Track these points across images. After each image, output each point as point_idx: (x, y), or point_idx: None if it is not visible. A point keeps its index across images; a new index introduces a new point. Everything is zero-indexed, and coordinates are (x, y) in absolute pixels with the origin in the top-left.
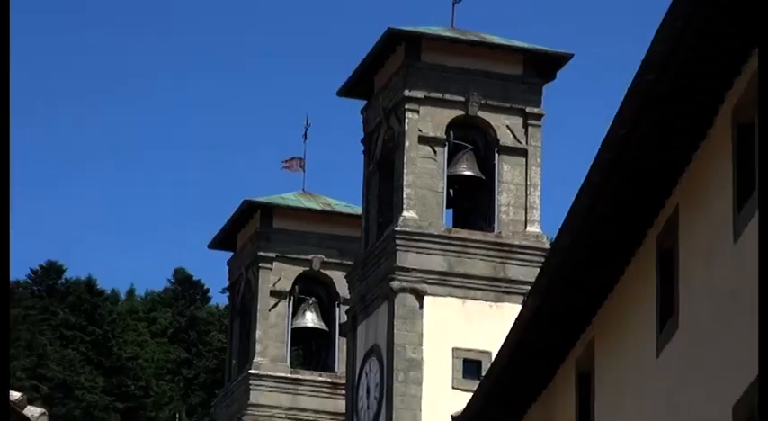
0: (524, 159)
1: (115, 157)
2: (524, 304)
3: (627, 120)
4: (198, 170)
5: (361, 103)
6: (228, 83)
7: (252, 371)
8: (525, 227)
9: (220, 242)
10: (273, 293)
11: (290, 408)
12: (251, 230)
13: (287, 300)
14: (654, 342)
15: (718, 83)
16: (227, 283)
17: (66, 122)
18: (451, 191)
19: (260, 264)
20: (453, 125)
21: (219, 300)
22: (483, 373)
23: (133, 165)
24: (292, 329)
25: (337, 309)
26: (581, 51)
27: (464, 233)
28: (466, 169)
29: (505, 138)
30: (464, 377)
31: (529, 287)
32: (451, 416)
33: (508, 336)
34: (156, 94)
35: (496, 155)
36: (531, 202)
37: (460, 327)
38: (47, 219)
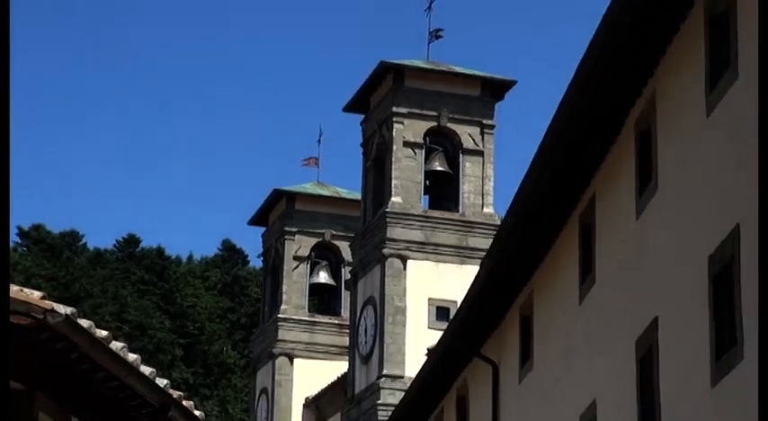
0: (481, 158)
1: (179, 156)
2: (481, 266)
3: (557, 130)
4: (239, 167)
5: (361, 117)
6: (263, 102)
7: (280, 316)
8: (482, 208)
9: (256, 220)
10: (296, 258)
11: (308, 343)
12: (279, 211)
13: (306, 262)
14: (577, 292)
15: (625, 102)
16: (262, 250)
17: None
18: (427, 181)
19: (286, 237)
20: (429, 133)
21: (256, 263)
22: (451, 317)
23: (190, 161)
24: (310, 284)
25: (343, 269)
26: (525, 77)
27: (437, 213)
28: (438, 166)
29: (467, 143)
30: (437, 320)
31: (485, 253)
32: (427, 348)
33: (469, 290)
34: (211, 108)
35: (461, 155)
36: (486, 190)
37: (434, 283)
38: (128, 203)
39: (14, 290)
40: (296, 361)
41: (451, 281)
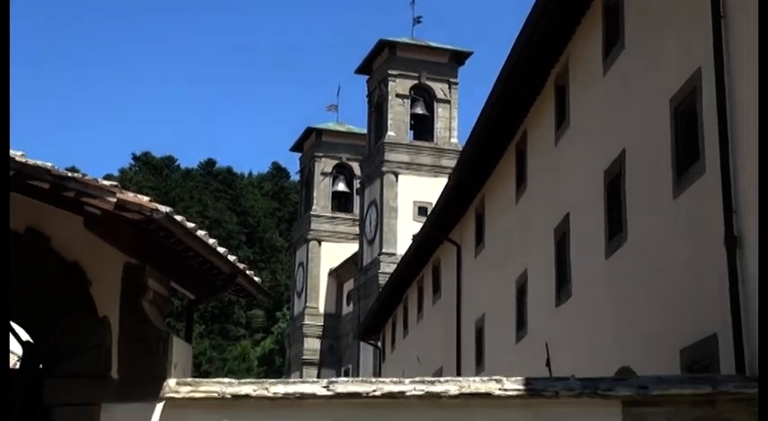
0: (449, 105)
1: (245, 104)
2: (449, 178)
3: (501, 85)
4: (284, 111)
5: (366, 77)
6: (303, 67)
7: (312, 213)
8: (449, 139)
9: (296, 147)
10: (322, 174)
11: (332, 232)
12: (311, 142)
13: (329, 177)
14: (514, 196)
15: (547, 64)
16: (299, 168)
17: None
18: (412, 121)
19: (315, 159)
20: (413, 88)
21: (295, 177)
22: (428, 213)
23: (251, 108)
24: (332, 191)
25: (355, 181)
26: (479, 48)
27: (419, 142)
28: (419, 110)
29: (440, 95)
30: (418, 215)
31: (451, 169)
32: (412, 235)
33: (441, 194)
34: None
35: (435, 103)
36: (453, 127)
37: (417, 190)
38: (207, 136)
39: (130, 195)
40: (323, 243)
41: (429, 189)
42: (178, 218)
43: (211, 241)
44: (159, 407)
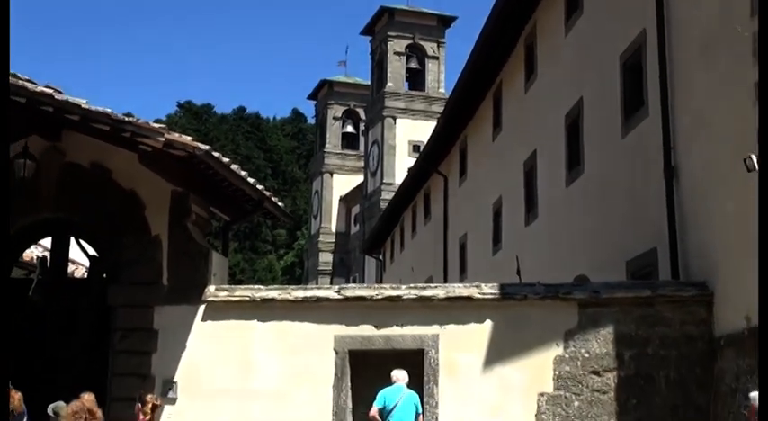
0: (438, 61)
1: (272, 64)
2: (438, 121)
3: (480, 44)
4: (304, 66)
5: (369, 38)
6: (320, 30)
7: (325, 150)
8: (438, 89)
9: (312, 96)
10: (334, 118)
11: (342, 165)
12: (324, 91)
13: (340, 120)
14: (491, 136)
15: (519, 27)
16: (315, 113)
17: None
18: (408, 74)
19: (328, 106)
20: (408, 47)
21: (311, 121)
22: (421, 150)
23: (277, 64)
24: (342, 133)
25: (360, 124)
26: (463, 13)
27: (413, 92)
28: (413, 65)
29: (430, 52)
30: (413, 152)
31: (439, 114)
32: (408, 168)
33: (431, 135)
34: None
35: (426, 59)
36: (441, 79)
37: (412, 131)
38: (239, 87)
39: (176, 136)
40: (334, 175)
41: (421, 130)
42: (215, 154)
43: (243, 173)
44: (201, 308)
